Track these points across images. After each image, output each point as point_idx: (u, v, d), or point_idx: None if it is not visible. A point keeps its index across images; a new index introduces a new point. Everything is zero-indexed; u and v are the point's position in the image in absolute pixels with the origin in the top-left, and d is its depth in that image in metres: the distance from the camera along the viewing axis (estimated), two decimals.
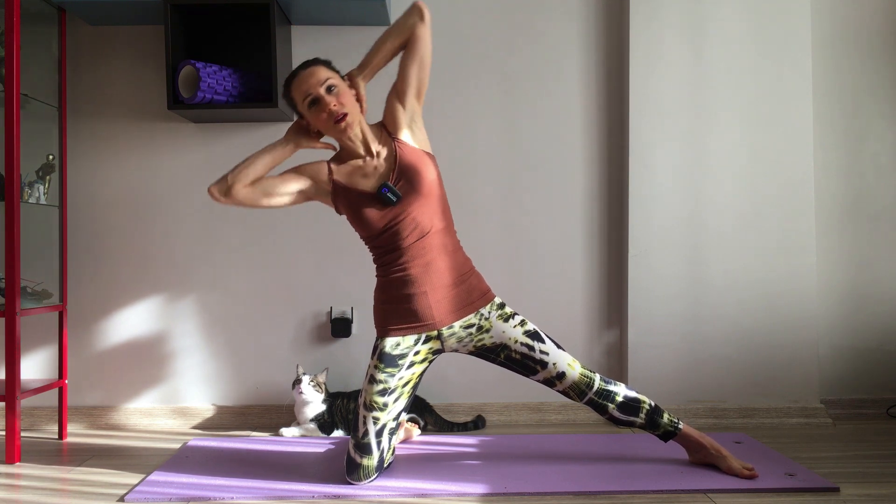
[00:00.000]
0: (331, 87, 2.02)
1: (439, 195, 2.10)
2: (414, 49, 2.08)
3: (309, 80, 2.03)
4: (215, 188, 2.05)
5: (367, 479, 2.01)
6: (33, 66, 2.61)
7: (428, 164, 2.09)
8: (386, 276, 2.11)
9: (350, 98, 2.05)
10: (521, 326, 2.12)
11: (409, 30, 2.08)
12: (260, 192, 2.06)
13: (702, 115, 2.75)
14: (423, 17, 2.07)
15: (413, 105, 2.13)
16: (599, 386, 2.10)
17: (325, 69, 2.06)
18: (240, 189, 2.04)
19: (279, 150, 2.10)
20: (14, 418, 2.31)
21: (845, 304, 2.87)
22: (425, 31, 2.08)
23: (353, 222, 2.11)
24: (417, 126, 2.14)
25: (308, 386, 2.55)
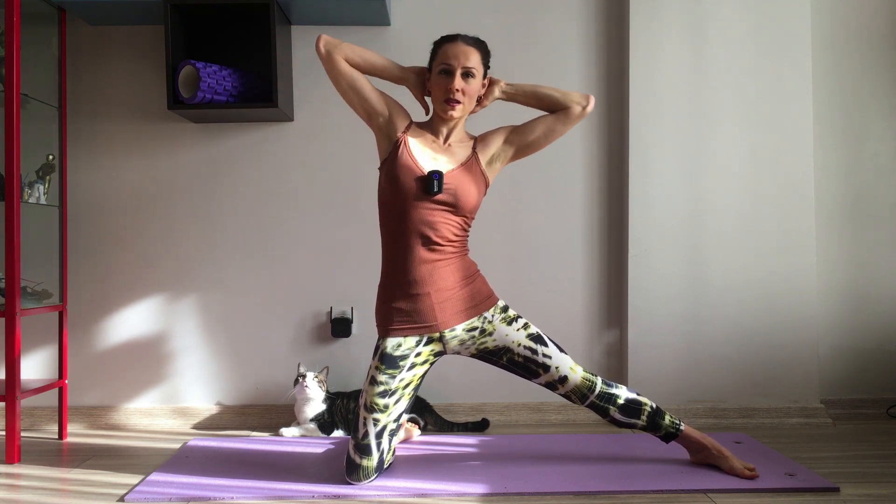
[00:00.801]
0: (468, 74, 2.06)
1: (467, 218, 2.12)
2: (559, 121, 2.15)
3: (458, 55, 2.06)
4: (324, 41, 2.06)
5: (367, 480, 2.01)
6: (33, 66, 2.61)
7: (480, 189, 2.12)
8: (390, 275, 2.11)
9: (474, 93, 2.10)
10: (524, 330, 2.12)
11: (570, 104, 2.14)
12: (352, 76, 2.08)
13: (702, 115, 2.75)
14: (585, 109, 2.15)
15: (510, 152, 2.17)
16: (601, 389, 2.10)
17: (478, 57, 2.09)
18: (340, 58, 2.06)
19: (392, 69, 2.14)
20: (14, 418, 2.30)
21: (845, 304, 2.87)
22: (578, 118, 2.15)
23: (386, 178, 2.09)
24: (497, 166, 2.18)
25: (313, 381, 2.56)
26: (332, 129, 2.76)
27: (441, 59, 2.07)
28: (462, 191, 2.06)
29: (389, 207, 2.09)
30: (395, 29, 2.79)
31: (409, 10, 2.79)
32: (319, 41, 2.06)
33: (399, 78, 2.16)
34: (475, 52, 2.08)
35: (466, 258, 2.15)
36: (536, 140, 2.16)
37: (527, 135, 2.16)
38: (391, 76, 2.15)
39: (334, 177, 2.79)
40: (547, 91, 2.16)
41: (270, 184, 2.78)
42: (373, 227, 2.22)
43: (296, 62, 2.76)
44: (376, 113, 2.12)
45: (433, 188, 2.03)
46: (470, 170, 2.10)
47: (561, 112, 2.15)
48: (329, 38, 2.06)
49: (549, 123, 2.15)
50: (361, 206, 2.71)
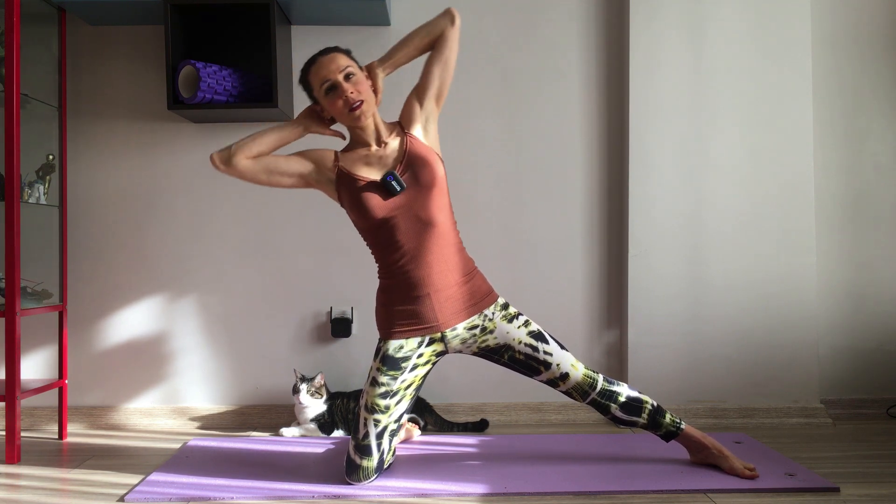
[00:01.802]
0: (349, 75, 2.04)
1: (444, 194, 2.10)
2: (440, 51, 2.12)
3: (328, 66, 2.04)
4: (217, 155, 2.04)
5: (367, 481, 2.01)
6: (33, 66, 2.61)
7: (436, 161, 2.09)
8: (389, 277, 2.10)
9: (367, 87, 2.06)
10: (524, 327, 2.12)
11: (439, 30, 2.11)
12: (261, 167, 2.06)
13: (702, 115, 2.75)
14: (453, 22, 2.11)
15: (431, 106, 2.15)
16: (602, 386, 2.10)
17: (345, 57, 2.07)
18: (241, 160, 2.03)
19: (288, 131, 2.11)
20: (14, 418, 2.30)
21: (845, 304, 2.87)
22: (454, 35, 2.12)
23: (353, 211, 2.09)
24: (431, 128, 2.16)
25: (306, 396, 2.55)
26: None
27: (318, 82, 2.05)
28: (420, 170, 2.05)
29: (371, 229, 2.08)
30: (395, 29, 2.79)
31: (409, 10, 2.79)
32: (213, 161, 2.04)
33: (298, 132, 2.12)
34: (338, 55, 2.06)
35: (463, 255, 2.14)
36: (438, 78, 2.13)
37: (428, 81, 2.14)
38: (292, 136, 2.11)
39: None
40: (414, 37, 2.13)
41: None
42: None
43: (296, 62, 2.76)
44: (305, 173, 2.10)
45: (395, 189, 2.02)
46: (414, 148, 2.08)
47: (437, 42, 2.12)
48: (219, 153, 2.04)
49: (436, 58, 2.13)
50: None
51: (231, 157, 2.03)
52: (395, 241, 2.05)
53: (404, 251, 2.05)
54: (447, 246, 2.09)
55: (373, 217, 2.04)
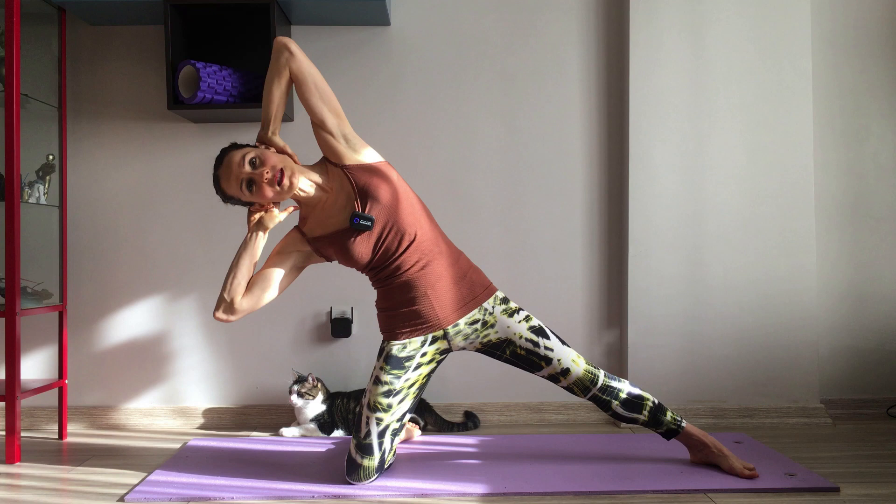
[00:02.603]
0: (252, 161, 1.98)
1: (410, 197, 2.08)
2: (301, 83, 2.00)
3: (230, 170, 1.99)
4: (220, 313, 2.05)
5: (368, 480, 2.01)
6: (33, 66, 2.61)
7: (383, 175, 2.05)
8: (385, 286, 2.11)
9: (275, 156, 2.00)
10: (525, 322, 2.12)
11: (285, 68, 2.00)
12: (258, 293, 2.06)
13: (702, 115, 2.75)
14: (290, 51, 1.98)
15: (338, 126, 2.06)
16: (604, 382, 2.10)
17: (235, 152, 2.01)
18: (240, 301, 2.04)
19: (251, 246, 2.07)
20: (14, 418, 2.31)
21: (845, 304, 2.87)
22: (298, 62, 1.99)
23: (347, 262, 2.09)
24: (355, 143, 2.07)
25: (296, 397, 2.56)
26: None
27: (235, 189, 2.00)
28: (376, 192, 2.01)
29: (368, 265, 2.09)
30: (395, 29, 2.79)
31: (409, 10, 2.79)
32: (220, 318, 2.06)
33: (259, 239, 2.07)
34: (229, 155, 2.01)
35: (453, 249, 2.14)
36: (322, 102, 2.02)
37: (315, 112, 2.03)
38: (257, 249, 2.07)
39: None
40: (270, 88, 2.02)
41: None
42: None
43: None
44: (295, 264, 2.11)
45: (367, 226, 2.00)
46: (358, 178, 2.04)
47: (294, 79, 2.01)
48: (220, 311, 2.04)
49: (303, 90, 2.01)
50: None
51: (230, 305, 2.04)
52: (388, 261, 2.06)
53: (397, 265, 2.06)
54: (435, 245, 2.09)
55: (365, 256, 2.05)
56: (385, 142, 2.69)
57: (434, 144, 2.80)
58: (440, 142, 2.80)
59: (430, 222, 2.12)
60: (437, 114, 2.79)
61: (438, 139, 2.80)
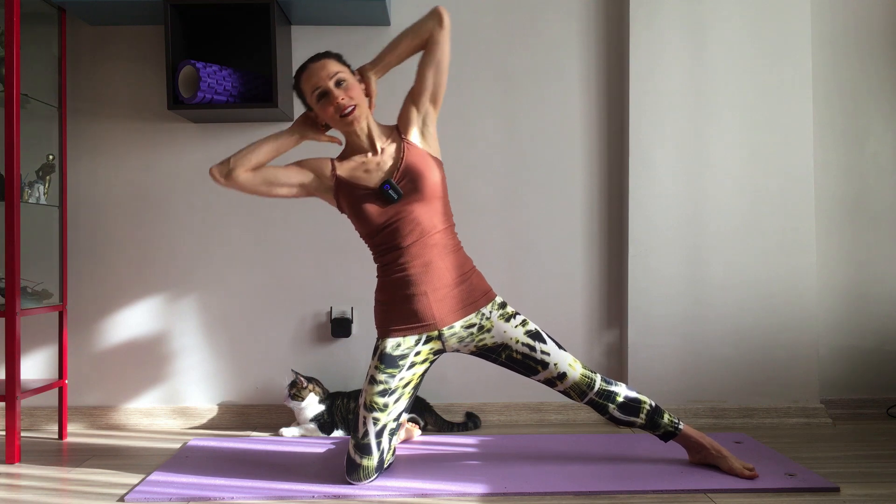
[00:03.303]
0: (340, 81, 2.04)
1: (441, 198, 2.10)
2: (431, 53, 2.09)
3: (319, 73, 2.04)
4: (216, 169, 2.05)
5: (367, 480, 2.01)
6: (33, 66, 2.61)
7: (433, 167, 2.09)
8: (386, 276, 2.11)
9: (359, 92, 2.06)
10: (522, 326, 2.12)
11: (427, 33, 2.09)
12: (261, 178, 2.07)
13: (702, 115, 2.75)
14: (441, 23, 2.07)
15: (427, 109, 2.14)
16: (600, 386, 2.10)
17: (335, 62, 2.06)
18: (241, 173, 2.04)
19: (284, 140, 2.11)
20: (14, 418, 2.31)
21: (845, 304, 2.87)
22: (443, 36, 2.08)
23: (353, 218, 2.11)
24: (429, 130, 2.15)
25: (289, 400, 2.57)
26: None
27: (309, 89, 2.05)
28: (417, 177, 2.05)
29: (370, 234, 2.10)
30: (395, 29, 2.78)
31: (409, 10, 2.78)
32: (213, 174, 2.05)
33: (295, 140, 2.13)
34: (329, 61, 2.06)
35: (461, 253, 2.15)
36: (432, 81, 2.11)
37: (422, 84, 2.12)
38: (288, 145, 2.12)
39: None
40: (403, 39, 2.11)
41: None
42: None
43: (296, 62, 2.76)
44: (305, 183, 2.11)
45: (393, 197, 2.03)
46: (411, 155, 2.09)
47: (427, 44, 2.09)
48: (217, 167, 2.05)
49: (427, 61, 2.10)
50: None
51: (231, 170, 2.04)
52: (394, 243, 2.06)
53: (402, 252, 2.06)
54: (444, 246, 2.09)
55: (372, 223, 2.06)
56: None
57: None
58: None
59: (448, 224, 2.13)
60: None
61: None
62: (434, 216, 2.07)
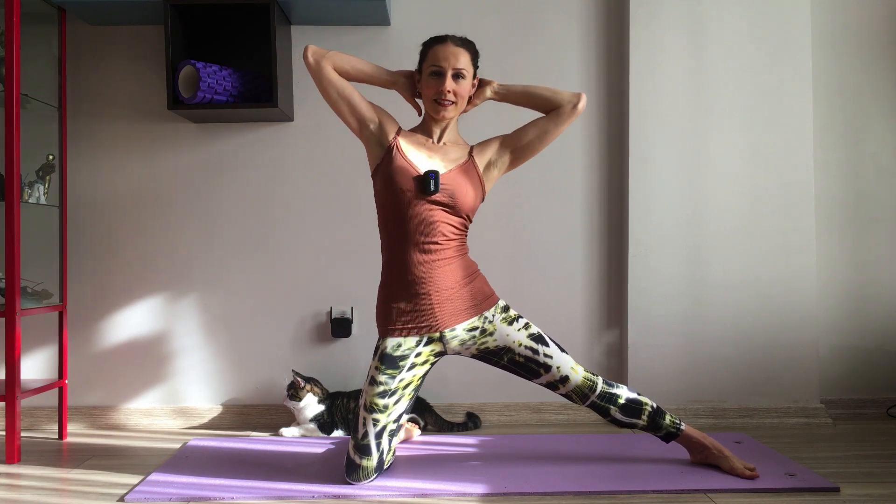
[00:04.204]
0: (459, 75, 2.07)
1: (467, 218, 2.12)
2: (549, 120, 2.15)
3: (449, 56, 2.07)
4: (312, 50, 2.08)
5: (367, 480, 2.01)
6: (33, 66, 2.61)
7: (478, 192, 2.12)
8: (391, 273, 2.11)
9: (465, 94, 2.11)
10: (525, 330, 2.12)
11: (560, 103, 2.13)
12: (341, 85, 2.09)
13: (702, 115, 2.75)
14: (576, 107, 2.13)
15: (506, 157, 2.18)
16: (602, 389, 2.10)
17: (468, 58, 2.10)
18: (329, 67, 2.07)
19: (380, 74, 2.16)
20: (14, 418, 2.30)
21: (845, 304, 2.87)
22: (570, 118, 2.13)
23: (382, 182, 2.09)
24: (493, 174, 2.18)
25: (288, 400, 2.58)
26: (331, 129, 2.75)
27: (431, 60, 2.08)
28: (459, 190, 2.06)
29: (387, 209, 2.09)
30: (395, 29, 2.79)
31: (409, 10, 2.79)
32: (307, 52, 2.07)
33: (389, 82, 2.17)
34: (465, 53, 2.09)
35: (466, 258, 2.15)
36: (531, 143, 2.16)
37: (521, 138, 2.16)
38: (381, 81, 2.16)
39: (334, 176, 2.79)
40: (538, 91, 2.16)
41: (270, 184, 2.78)
42: (373, 226, 2.22)
43: (296, 62, 2.76)
44: (367, 120, 2.12)
45: (430, 187, 2.03)
46: (467, 171, 2.11)
47: (553, 112, 2.15)
48: (316, 49, 2.08)
49: (541, 125, 2.15)
50: (361, 206, 2.71)
51: (322, 58, 2.07)
52: (405, 229, 2.05)
53: (411, 249, 2.05)
54: (452, 249, 2.09)
55: (394, 196, 2.06)
56: None
57: None
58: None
59: (461, 238, 2.13)
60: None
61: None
62: (451, 228, 2.08)
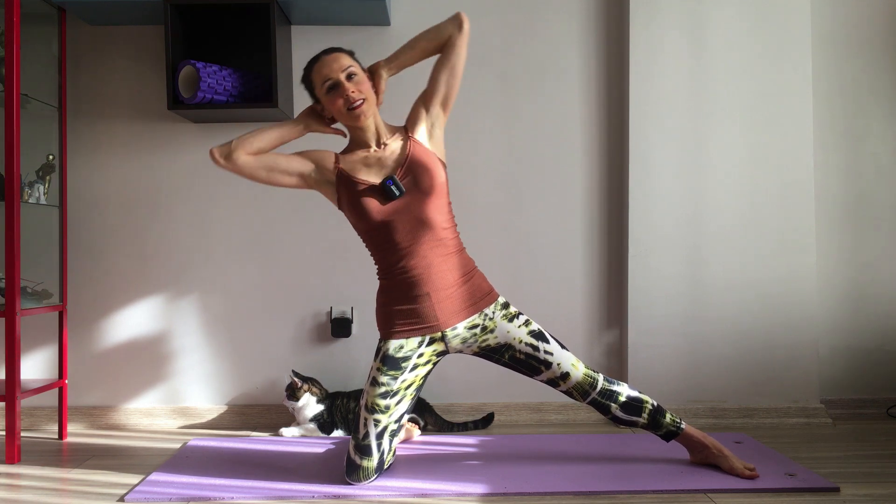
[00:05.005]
0: (351, 75, 2.04)
1: (443, 198, 2.10)
2: (447, 56, 2.11)
3: (331, 65, 2.04)
4: (217, 150, 2.04)
5: (367, 481, 2.01)
6: (33, 66, 2.61)
7: (437, 166, 2.09)
8: (387, 278, 2.11)
9: (368, 88, 2.07)
10: (525, 326, 2.12)
11: (446, 36, 2.10)
12: (262, 164, 2.06)
13: (702, 115, 2.75)
14: (461, 28, 2.09)
15: (437, 112, 2.14)
16: (603, 386, 2.10)
17: (348, 57, 2.08)
18: (241, 155, 2.03)
19: (288, 128, 2.11)
20: (14, 418, 2.30)
21: (845, 304, 2.87)
22: (462, 41, 2.10)
23: (351, 214, 2.09)
24: (436, 133, 2.15)
25: (286, 401, 2.58)
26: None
27: (319, 80, 2.05)
28: (420, 175, 2.05)
29: (371, 234, 2.09)
30: (394, 29, 2.79)
31: (409, 10, 2.79)
32: (213, 154, 2.03)
33: (299, 130, 2.12)
34: (340, 55, 2.07)
35: (463, 255, 2.14)
36: (447, 83, 2.12)
37: (436, 87, 2.12)
38: (292, 134, 2.11)
39: None
40: (421, 40, 2.12)
41: None
42: None
43: (296, 62, 2.76)
44: (304, 172, 2.10)
45: (394, 193, 2.02)
46: (416, 153, 2.08)
47: (446, 46, 2.11)
48: (220, 147, 2.04)
49: (444, 63, 2.11)
50: None
51: (231, 152, 2.03)
52: (394, 242, 2.05)
53: (403, 253, 2.05)
54: (446, 247, 2.09)
55: (371, 220, 2.05)
56: None
57: None
58: None
59: (450, 226, 2.12)
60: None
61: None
62: (435, 215, 2.07)
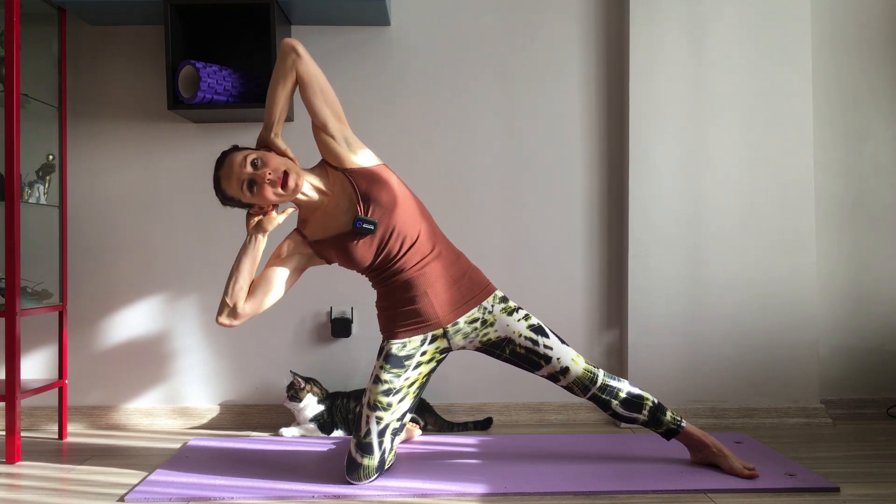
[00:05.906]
0: (254, 162, 1.97)
1: (409, 200, 2.08)
2: (306, 85, 2.00)
3: (232, 171, 1.98)
4: (223, 318, 2.04)
5: (368, 480, 2.01)
6: (33, 66, 2.61)
7: (384, 179, 2.05)
8: (384, 285, 2.11)
9: (277, 159, 1.99)
10: (525, 320, 2.12)
11: (291, 70, 2.00)
12: (261, 296, 2.06)
13: (702, 114, 2.75)
14: (298, 52, 1.98)
15: (339, 129, 2.06)
16: (603, 381, 2.10)
17: (237, 153, 2.00)
18: (243, 306, 2.04)
19: (252, 249, 2.07)
20: (14, 418, 2.30)
21: (845, 304, 2.87)
22: (305, 64, 1.99)
23: (348, 264, 2.10)
24: (353, 145, 2.07)
25: (288, 401, 2.58)
26: None
27: (236, 189, 1.99)
28: (378, 196, 2.02)
29: (367, 272, 2.11)
30: (394, 29, 2.79)
31: (409, 10, 2.79)
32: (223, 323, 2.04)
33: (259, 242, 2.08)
34: (232, 155, 2.00)
35: (452, 248, 2.15)
36: (324, 103, 2.02)
37: (319, 114, 2.02)
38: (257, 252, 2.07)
39: None
40: (275, 89, 2.01)
41: None
42: None
43: None
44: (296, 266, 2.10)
45: (369, 229, 2.00)
46: (359, 180, 2.03)
47: (299, 81, 2.01)
48: (222, 316, 2.03)
49: (307, 90, 2.01)
50: None
51: (234, 310, 2.03)
52: (389, 263, 2.06)
53: (398, 266, 2.07)
54: (434, 245, 2.10)
55: (367, 259, 2.06)
56: (385, 142, 2.69)
57: (434, 144, 2.80)
58: (440, 142, 2.80)
59: (430, 223, 2.12)
60: (437, 114, 2.79)
61: (438, 139, 2.80)
62: (411, 219, 2.06)
